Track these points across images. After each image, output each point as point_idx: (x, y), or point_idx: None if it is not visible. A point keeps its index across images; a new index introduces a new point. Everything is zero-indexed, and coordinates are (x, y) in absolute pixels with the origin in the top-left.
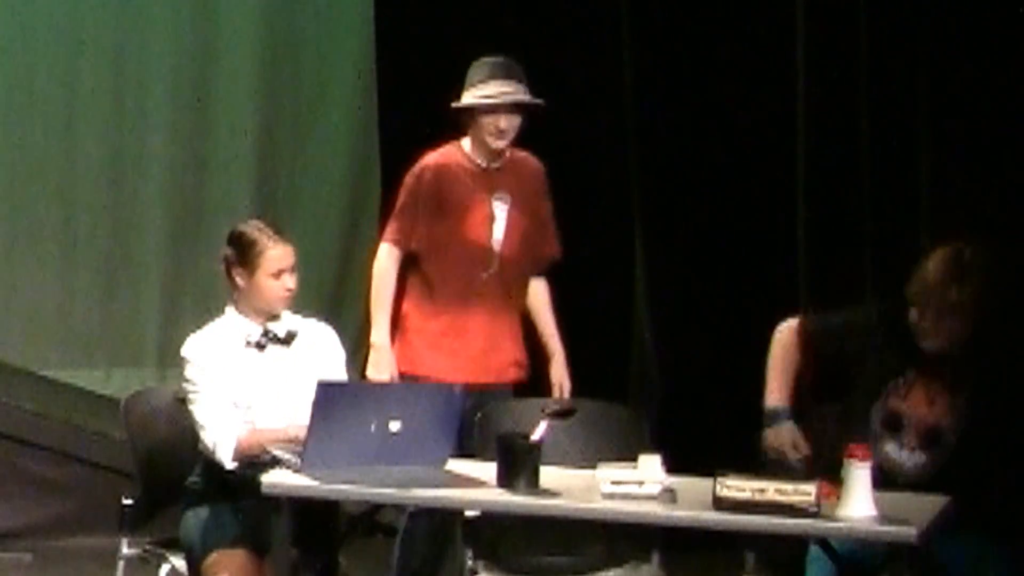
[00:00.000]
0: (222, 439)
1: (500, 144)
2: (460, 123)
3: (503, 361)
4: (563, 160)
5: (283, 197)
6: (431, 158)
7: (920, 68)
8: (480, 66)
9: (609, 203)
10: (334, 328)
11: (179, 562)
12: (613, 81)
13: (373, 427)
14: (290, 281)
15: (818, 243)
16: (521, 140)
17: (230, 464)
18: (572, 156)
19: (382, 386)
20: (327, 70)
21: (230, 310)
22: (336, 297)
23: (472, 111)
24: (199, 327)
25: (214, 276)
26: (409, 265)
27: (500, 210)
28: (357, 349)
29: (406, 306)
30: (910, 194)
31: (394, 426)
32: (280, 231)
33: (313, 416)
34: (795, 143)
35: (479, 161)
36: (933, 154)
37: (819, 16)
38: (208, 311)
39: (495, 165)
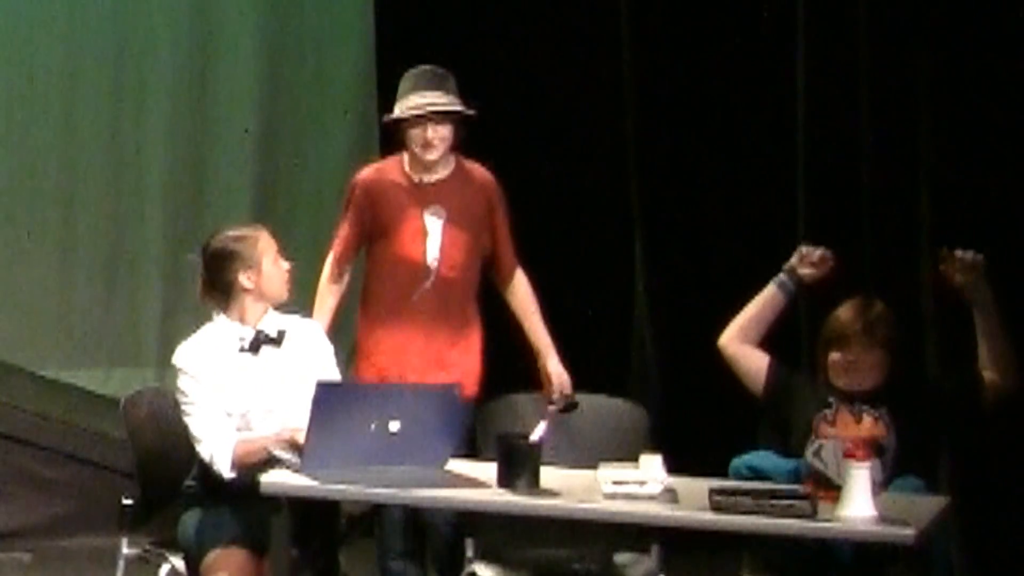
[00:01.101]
0: (219, 451)
1: (430, 156)
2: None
3: (443, 379)
4: (563, 160)
5: (283, 197)
6: (365, 172)
7: (920, 68)
8: (407, 78)
9: (609, 204)
10: (334, 328)
11: (179, 562)
12: (613, 82)
13: (373, 427)
14: (285, 262)
15: (818, 243)
16: (521, 140)
17: (229, 474)
18: (572, 157)
19: (382, 386)
20: (327, 70)
21: (220, 317)
22: None
23: (401, 124)
24: (199, 327)
25: None
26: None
27: (434, 225)
28: (357, 349)
29: (359, 321)
30: (910, 194)
31: (394, 426)
32: (271, 228)
33: (313, 416)
34: (795, 143)
35: (413, 175)
36: (933, 154)
37: (819, 16)
38: (207, 311)
39: (431, 178)
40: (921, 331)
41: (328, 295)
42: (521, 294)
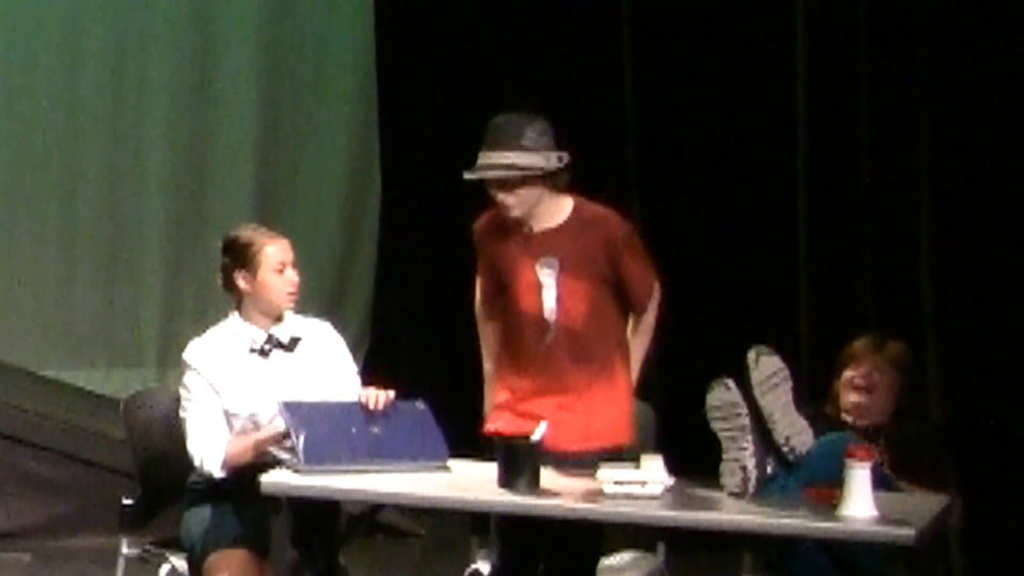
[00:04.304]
0: (209, 452)
1: (512, 215)
2: None
3: (574, 432)
4: None
5: (283, 197)
6: (481, 219)
7: (920, 67)
8: (487, 129)
9: (609, 203)
10: (334, 328)
11: (179, 562)
12: (613, 81)
13: (354, 430)
14: (293, 275)
15: (818, 243)
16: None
17: (219, 474)
18: (572, 157)
19: (346, 404)
20: (327, 70)
21: (234, 315)
22: (336, 297)
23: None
24: (199, 327)
25: (214, 276)
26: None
27: (547, 276)
28: (358, 348)
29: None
30: (910, 196)
31: (375, 430)
32: (272, 229)
33: (293, 430)
34: (795, 143)
35: (523, 226)
36: (933, 154)
37: (819, 16)
38: (208, 311)
39: (542, 228)
40: (921, 331)
41: (485, 336)
42: (636, 336)
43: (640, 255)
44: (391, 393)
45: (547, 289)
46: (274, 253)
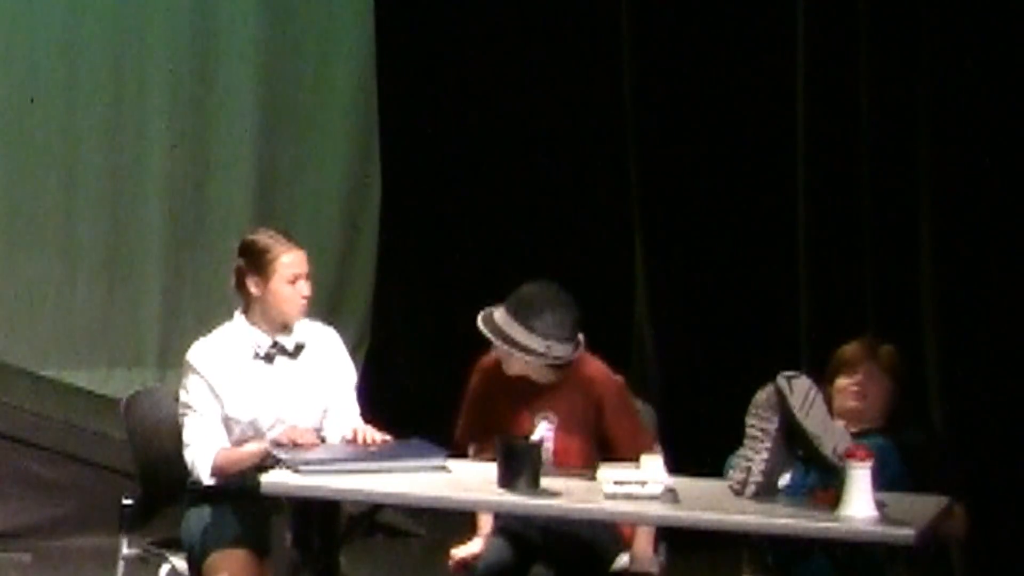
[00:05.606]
0: (201, 458)
1: (509, 372)
2: None
3: None
4: (564, 161)
5: (283, 197)
6: (489, 358)
7: (920, 68)
8: (517, 289)
9: (609, 204)
10: (334, 328)
11: (179, 562)
12: (613, 82)
13: (350, 449)
14: (305, 288)
15: (818, 243)
16: (521, 141)
17: (208, 481)
18: (573, 157)
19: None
20: (327, 70)
21: (240, 318)
22: (336, 297)
23: None
24: (199, 327)
25: (214, 276)
26: None
27: (545, 430)
28: (357, 349)
29: None
30: (910, 196)
31: (371, 449)
32: (291, 237)
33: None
34: (795, 145)
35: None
36: (933, 155)
37: (819, 16)
38: (208, 311)
39: (544, 382)
40: (921, 332)
41: None
42: None
43: (629, 415)
44: (388, 436)
45: (544, 442)
46: (289, 264)
